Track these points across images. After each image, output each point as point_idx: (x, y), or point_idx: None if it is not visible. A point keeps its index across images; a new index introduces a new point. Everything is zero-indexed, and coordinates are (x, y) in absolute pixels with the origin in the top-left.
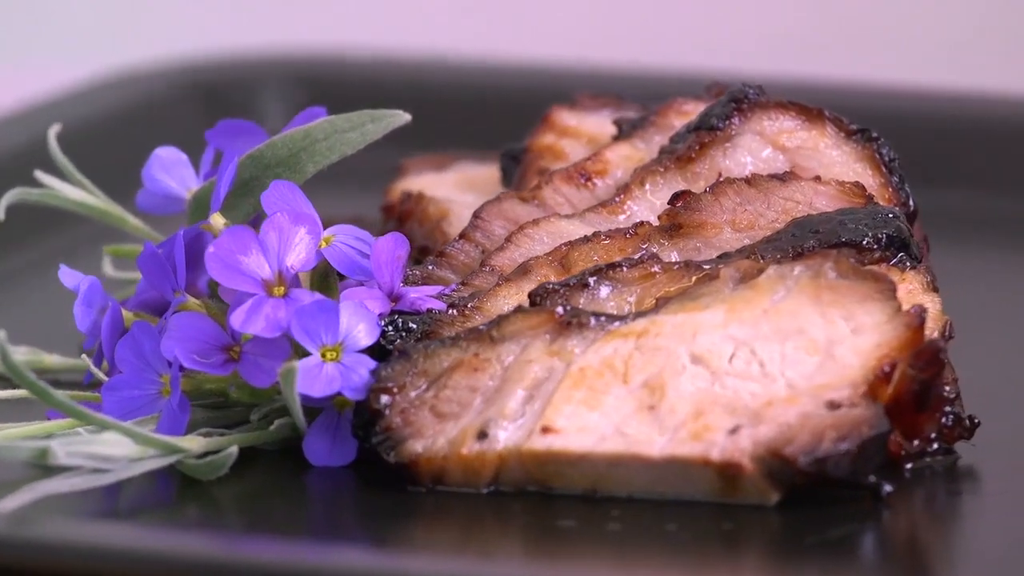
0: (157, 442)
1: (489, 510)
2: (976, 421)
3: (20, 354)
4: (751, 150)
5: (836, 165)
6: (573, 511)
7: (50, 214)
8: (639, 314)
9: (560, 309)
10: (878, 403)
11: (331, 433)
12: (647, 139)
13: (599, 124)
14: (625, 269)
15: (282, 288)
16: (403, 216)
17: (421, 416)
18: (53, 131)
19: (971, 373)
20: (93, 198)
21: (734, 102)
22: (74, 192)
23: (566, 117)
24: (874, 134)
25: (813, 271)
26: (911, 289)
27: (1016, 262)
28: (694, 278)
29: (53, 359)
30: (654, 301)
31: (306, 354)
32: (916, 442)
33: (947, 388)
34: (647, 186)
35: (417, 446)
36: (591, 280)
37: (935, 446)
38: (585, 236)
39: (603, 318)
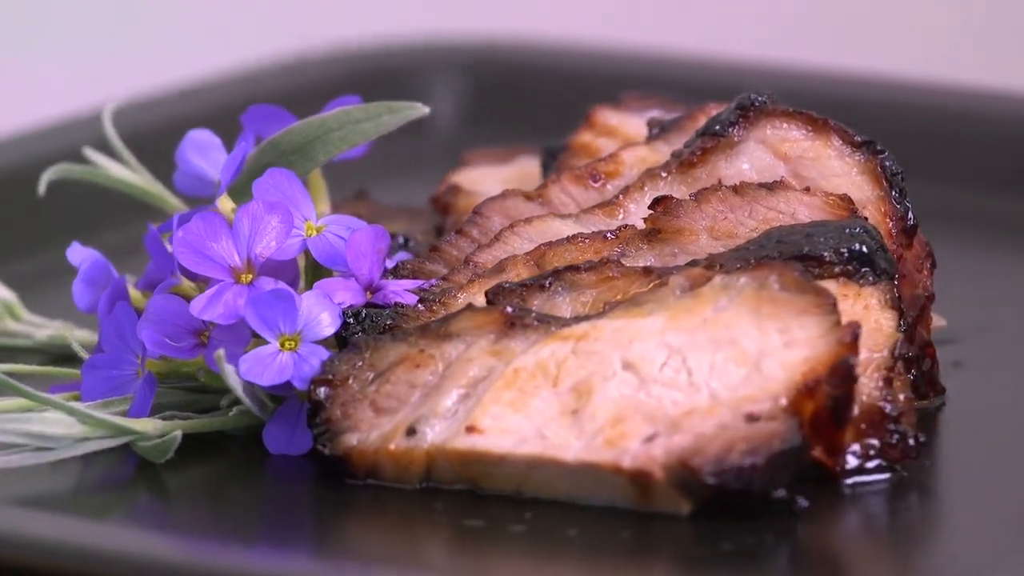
0: (105, 423)
1: (414, 507)
2: (921, 441)
3: (51, 329)
4: (753, 158)
5: (837, 176)
6: (486, 511)
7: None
8: (583, 317)
9: (509, 309)
10: (795, 418)
11: (292, 422)
12: (671, 142)
13: (640, 125)
14: (583, 272)
15: (250, 276)
16: (445, 208)
17: (360, 409)
18: (108, 110)
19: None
20: (135, 176)
21: (740, 109)
22: (118, 170)
23: (608, 116)
24: (879, 147)
25: (758, 283)
26: (868, 305)
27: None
28: (651, 284)
29: (82, 334)
30: (602, 305)
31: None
32: (855, 459)
33: (890, 406)
34: (646, 189)
35: (352, 439)
36: (548, 281)
37: (876, 464)
38: (567, 237)
39: (548, 320)
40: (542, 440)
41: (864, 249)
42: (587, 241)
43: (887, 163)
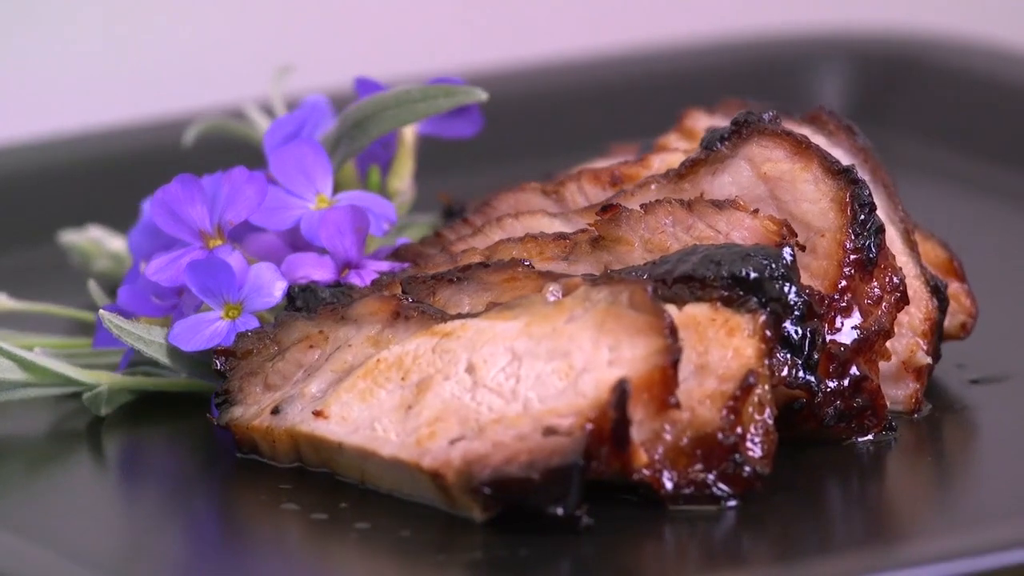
0: (48, 371)
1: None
2: (759, 473)
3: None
4: (737, 175)
5: (807, 202)
6: (330, 506)
7: None
8: (461, 315)
9: (401, 299)
10: (581, 436)
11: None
12: None
13: None
14: (491, 270)
15: (218, 242)
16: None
17: (252, 383)
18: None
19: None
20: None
21: (735, 125)
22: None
23: (699, 120)
24: (856, 176)
25: (613, 298)
26: (733, 332)
27: None
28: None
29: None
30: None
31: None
32: (682, 485)
33: (724, 435)
34: (635, 197)
35: (237, 412)
36: (456, 276)
37: (712, 490)
38: (524, 235)
39: (430, 314)
40: (370, 432)
41: (753, 275)
42: (532, 242)
43: (859, 193)
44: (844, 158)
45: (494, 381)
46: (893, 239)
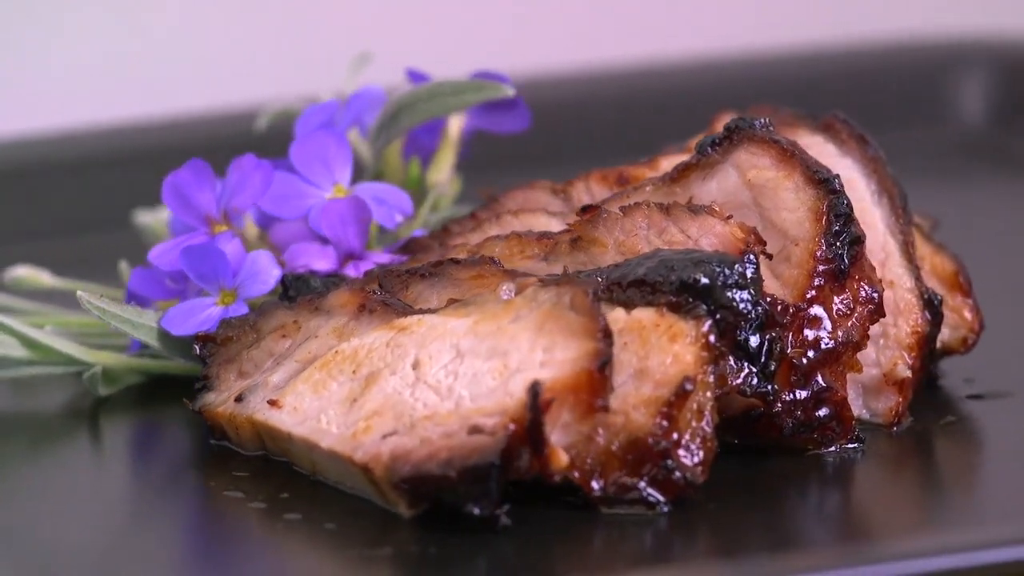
0: (50, 349)
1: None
2: (690, 480)
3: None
4: (723, 181)
5: (786, 210)
6: (272, 495)
7: None
8: (421, 310)
9: (373, 293)
10: (503, 436)
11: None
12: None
13: None
14: (461, 267)
15: (224, 227)
16: None
17: (228, 370)
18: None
19: None
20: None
21: (727, 131)
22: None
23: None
24: (836, 187)
25: (557, 299)
26: (675, 338)
27: None
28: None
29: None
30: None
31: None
32: (611, 489)
33: (655, 440)
34: (631, 198)
35: (210, 397)
36: (429, 271)
37: (641, 494)
38: (510, 233)
39: (393, 308)
40: (315, 423)
41: (703, 282)
42: (515, 240)
43: (836, 203)
44: (853, 167)
45: (434, 378)
46: (891, 252)
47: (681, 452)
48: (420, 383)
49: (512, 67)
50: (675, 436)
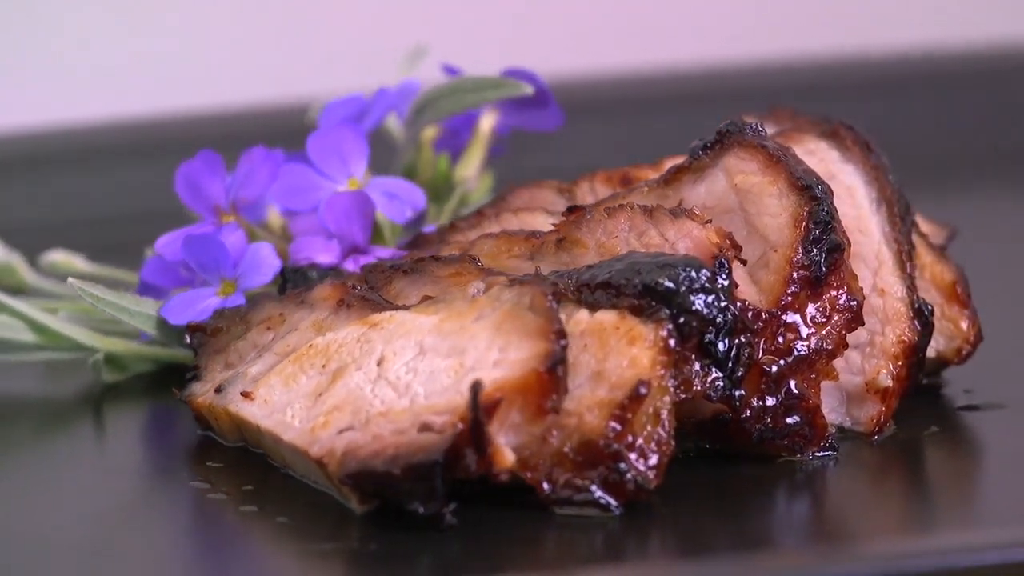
0: (56, 334)
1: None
2: (640, 484)
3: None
4: (713, 184)
5: (769, 215)
6: (235, 487)
7: None
8: (396, 306)
9: (353, 287)
10: (449, 435)
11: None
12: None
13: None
14: (440, 264)
15: (231, 217)
16: None
17: (216, 361)
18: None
19: None
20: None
21: (718, 135)
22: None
23: None
24: (817, 194)
25: (518, 299)
26: (633, 341)
27: None
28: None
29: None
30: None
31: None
32: (561, 490)
33: (606, 443)
34: (626, 199)
35: (196, 388)
36: (411, 267)
37: (593, 496)
38: (500, 231)
39: (369, 303)
40: (281, 416)
41: (667, 286)
42: (503, 238)
43: (816, 210)
44: (854, 174)
45: (395, 374)
46: (885, 260)
47: (634, 456)
48: (381, 379)
49: (564, 67)
50: (629, 439)
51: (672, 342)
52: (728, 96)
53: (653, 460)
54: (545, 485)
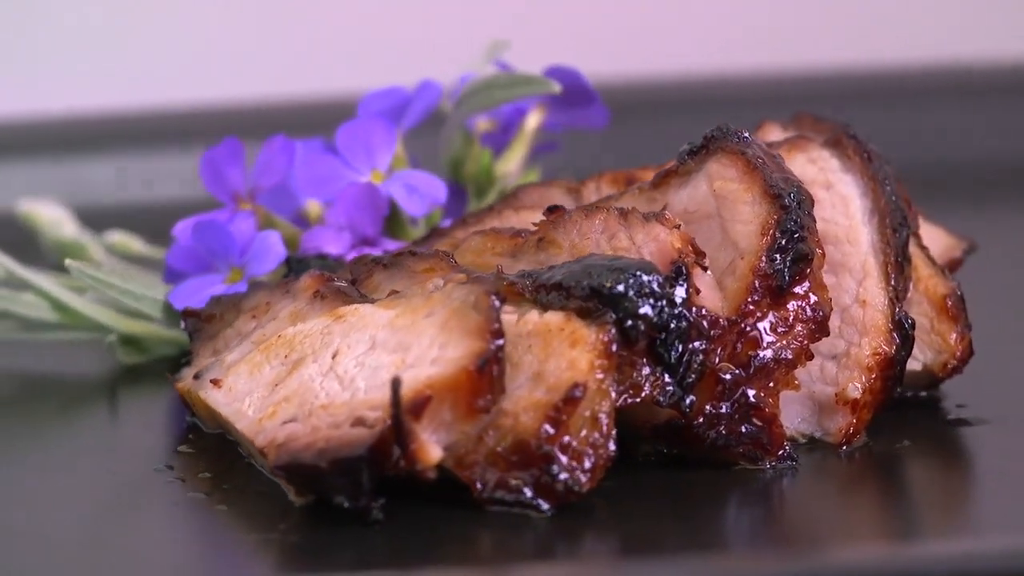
0: (78, 314)
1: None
2: (570, 486)
3: None
4: (694, 189)
5: (740, 223)
6: (194, 474)
7: None
8: (364, 299)
9: (330, 279)
10: (379, 430)
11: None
12: None
13: None
14: (416, 258)
15: (247, 204)
16: None
17: (207, 347)
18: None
19: None
20: None
21: (704, 140)
22: None
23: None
24: (787, 203)
25: (465, 297)
26: (575, 343)
27: None
28: None
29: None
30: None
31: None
32: (493, 490)
33: (537, 444)
34: (619, 201)
35: (184, 373)
36: (389, 261)
37: (525, 497)
38: (488, 229)
39: (341, 296)
40: (238, 405)
41: (616, 289)
42: (488, 236)
43: (784, 220)
44: (851, 184)
45: (344, 368)
46: (870, 271)
47: (566, 458)
48: (331, 372)
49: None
50: (564, 441)
51: (614, 346)
52: (756, 101)
53: (588, 463)
54: (479, 484)
